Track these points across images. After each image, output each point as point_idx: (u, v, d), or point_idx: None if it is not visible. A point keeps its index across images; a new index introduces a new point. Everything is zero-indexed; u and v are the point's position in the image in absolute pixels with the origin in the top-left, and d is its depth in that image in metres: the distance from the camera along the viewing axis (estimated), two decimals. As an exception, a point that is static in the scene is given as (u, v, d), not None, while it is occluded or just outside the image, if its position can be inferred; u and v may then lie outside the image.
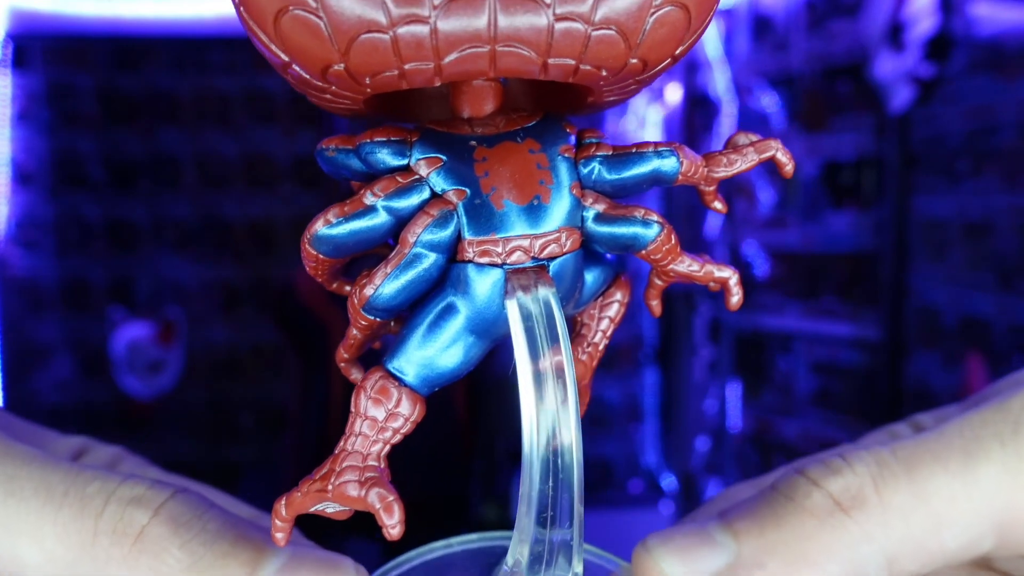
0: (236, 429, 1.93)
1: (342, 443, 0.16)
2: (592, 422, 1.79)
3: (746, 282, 1.53)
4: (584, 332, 0.18)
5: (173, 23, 1.85)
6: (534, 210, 0.15)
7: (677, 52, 0.15)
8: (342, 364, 0.18)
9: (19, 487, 0.17)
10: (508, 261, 0.15)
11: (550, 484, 0.15)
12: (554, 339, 0.15)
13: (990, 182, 1.23)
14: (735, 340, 1.76)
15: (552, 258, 0.16)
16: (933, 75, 1.22)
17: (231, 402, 1.93)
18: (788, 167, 0.18)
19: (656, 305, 0.18)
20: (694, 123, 1.81)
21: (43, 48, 1.88)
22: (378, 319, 0.16)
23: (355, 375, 0.19)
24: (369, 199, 0.15)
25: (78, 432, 0.23)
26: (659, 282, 0.18)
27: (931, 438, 0.18)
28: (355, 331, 0.17)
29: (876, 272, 1.44)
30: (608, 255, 0.18)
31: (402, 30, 0.13)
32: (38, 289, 1.90)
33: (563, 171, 0.16)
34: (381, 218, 0.15)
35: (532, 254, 0.15)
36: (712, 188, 0.18)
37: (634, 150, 0.16)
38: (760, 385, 1.72)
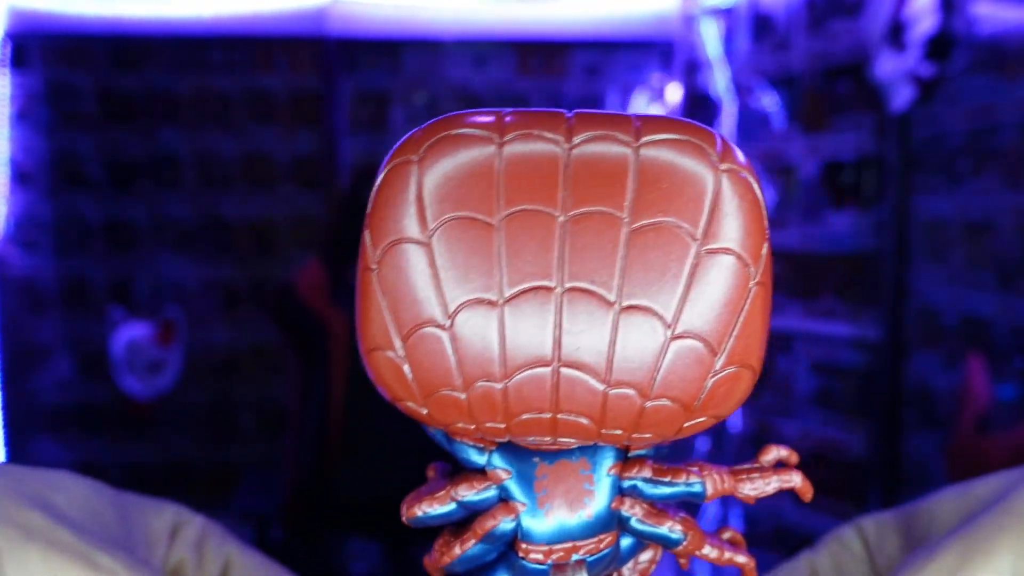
0: (236, 429, 1.93)
1: None
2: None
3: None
4: (625, 573, 0.23)
5: (172, 23, 1.85)
6: (579, 524, 0.19)
7: (684, 426, 0.18)
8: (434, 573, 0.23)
9: None
10: (553, 560, 0.19)
11: None
12: None
13: (991, 182, 1.23)
14: (735, 340, 1.75)
15: (590, 554, 0.20)
16: (934, 75, 1.22)
17: (231, 402, 1.93)
18: (807, 496, 0.21)
19: (683, 563, 0.22)
20: (694, 123, 1.81)
21: (42, 47, 1.88)
22: (455, 571, 0.21)
23: None
24: (451, 496, 0.20)
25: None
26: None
27: None
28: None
29: (876, 272, 1.44)
30: None
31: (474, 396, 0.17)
32: (37, 289, 1.90)
33: (607, 488, 0.20)
34: (455, 507, 0.20)
35: (574, 554, 0.19)
36: None
37: (669, 478, 0.20)
38: (760, 385, 1.72)
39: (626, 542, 0.21)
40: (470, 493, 0.19)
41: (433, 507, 0.19)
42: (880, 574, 0.24)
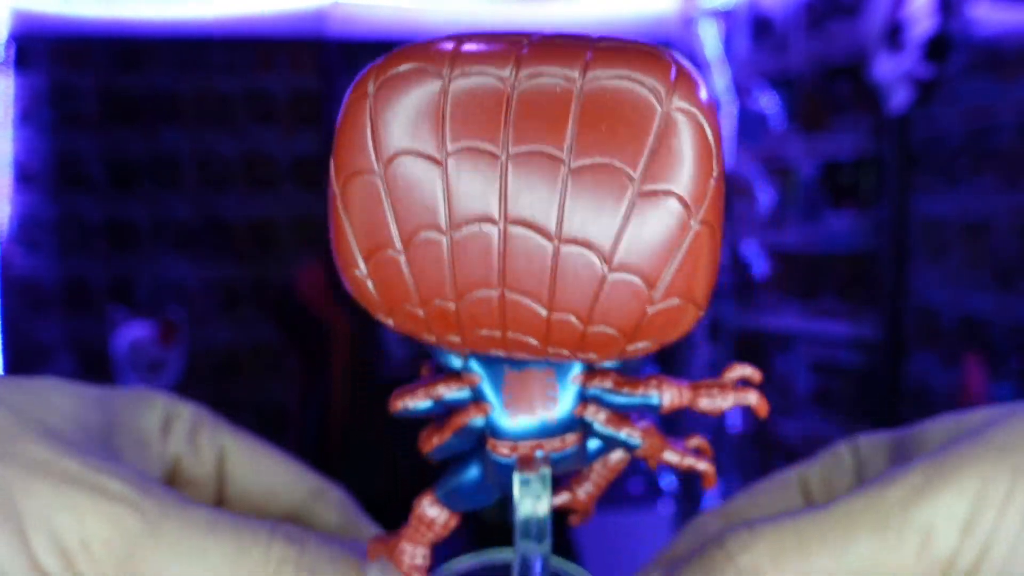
0: (237, 429, 1.93)
1: (405, 528, 0.23)
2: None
3: (745, 282, 1.52)
4: (588, 475, 0.25)
5: (174, 24, 1.86)
6: (542, 425, 0.21)
7: (626, 349, 0.19)
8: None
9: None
10: (518, 454, 0.21)
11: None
12: (543, 501, 0.21)
13: (989, 182, 1.24)
14: (734, 340, 1.76)
15: (554, 451, 0.22)
16: (932, 76, 1.22)
17: (231, 402, 1.93)
18: (763, 413, 0.22)
19: (652, 463, 0.23)
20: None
21: (45, 49, 1.88)
22: (435, 459, 0.23)
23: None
24: (429, 394, 0.22)
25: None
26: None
27: (821, 515, 0.21)
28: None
29: (875, 272, 1.45)
30: None
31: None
32: (39, 289, 1.90)
33: (570, 396, 0.21)
34: (433, 404, 0.22)
35: (538, 451, 0.21)
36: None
37: (628, 389, 0.21)
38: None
39: (593, 444, 0.22)
40: (446, 392, 0.22)
41: (415, 402, 0.22)
42: None
